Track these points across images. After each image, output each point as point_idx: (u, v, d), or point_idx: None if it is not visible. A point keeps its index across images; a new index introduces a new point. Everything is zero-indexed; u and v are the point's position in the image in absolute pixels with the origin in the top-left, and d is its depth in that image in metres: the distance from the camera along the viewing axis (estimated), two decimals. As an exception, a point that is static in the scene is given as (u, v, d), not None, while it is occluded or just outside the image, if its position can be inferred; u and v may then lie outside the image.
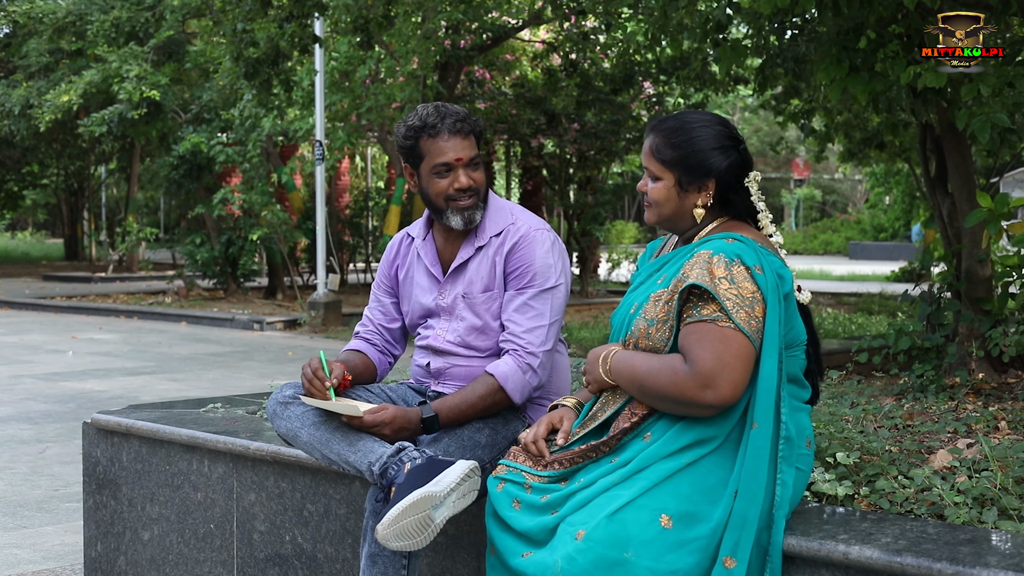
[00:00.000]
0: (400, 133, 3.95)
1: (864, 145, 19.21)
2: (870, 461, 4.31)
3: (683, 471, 3.11)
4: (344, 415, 3.65)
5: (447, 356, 4.00)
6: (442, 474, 3.37)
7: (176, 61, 20.92)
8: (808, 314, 3.38)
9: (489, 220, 4.00)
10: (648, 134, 3.39)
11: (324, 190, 17.88)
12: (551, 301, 3.91)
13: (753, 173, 3.35)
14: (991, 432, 5.18)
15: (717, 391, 3.06)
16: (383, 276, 4.20)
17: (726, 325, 3.09)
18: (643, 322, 3.27)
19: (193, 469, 4.75)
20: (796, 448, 3.21)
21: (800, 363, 3.31)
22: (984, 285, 7.81)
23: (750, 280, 3.13)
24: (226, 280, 21.30)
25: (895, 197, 37.53)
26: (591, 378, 3.39)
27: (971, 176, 8.04)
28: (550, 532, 3.18)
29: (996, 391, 6.69)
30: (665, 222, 3.40)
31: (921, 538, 3.10)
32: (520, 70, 21.28)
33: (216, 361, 13.53)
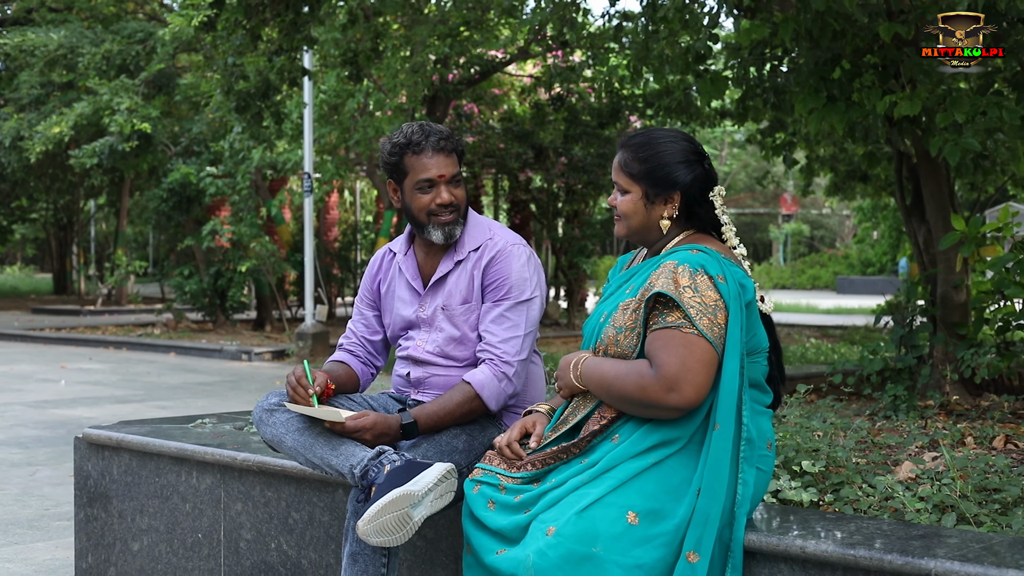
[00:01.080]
0: (385, 149, 4.12)
1: (849, 178, 19.41)
2: (836, 471, 4.46)
3: (649, 470, 3.27)
4: (327, 421, 3.80)
5: (426, 366, 4.16)
6: (420, 475, 3.53)
7: (166, 94, 21.07)
8: (770, 323, 3.54)
9: (468, 235, 4.17)
10: (618, 150, 3.57)
11: (312, 222, 18.02)
12: (526, 313, 4.07)
13: (717, 188, 3.53)
14: (957, 446, 5.30)
15: (681, 394, 3.22)
16: (366, 290, 4.37)
17: (690, 331, 3.25)
18: (612, 330, 3.44)
19: (182, 481, 4.89)
20: (757, 449, 3.36)
21: (762, 369, 3.46)
22: (959, 310, 7.92)
23: (713, 289, 3.29)
24: (215, 312, 21.40)
25: (882, 232, 37.75)
26: (563, 383, 3.55)
27: (946, 204, 8.16)
28: (523, 530, 3.33)
29: (968, 412, 6.82)
30: (634, 234, 3.56)
31: (875, 534, 3.25)
32: (508, 104, 21.41)
33: (204, 390, 13.64)
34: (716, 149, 42.67)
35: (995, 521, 3.76)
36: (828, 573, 3.16)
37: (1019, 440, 5.49)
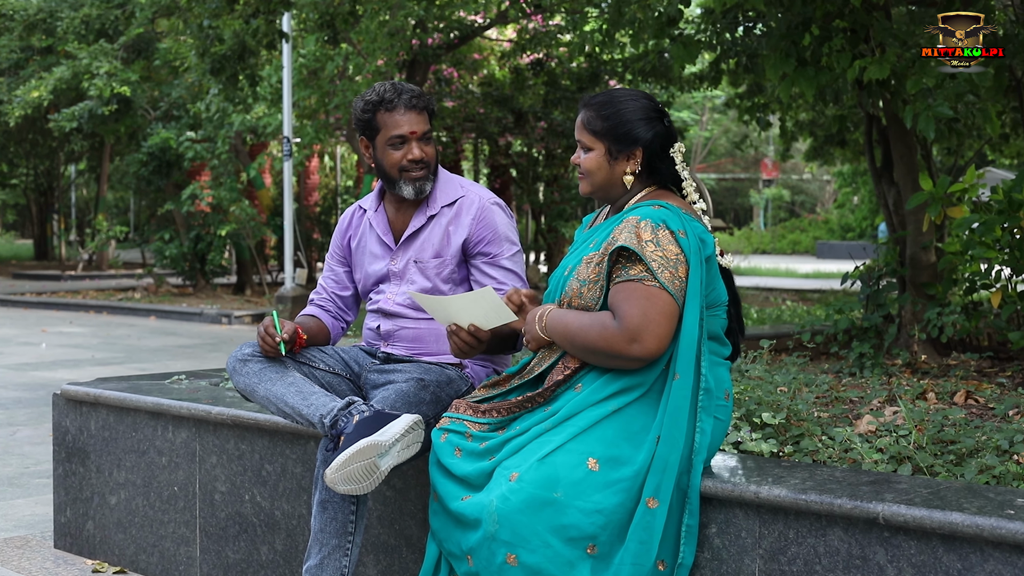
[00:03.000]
0: (358, 107, 4.23)
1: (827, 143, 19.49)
2: (797, 424, 4.55)
3: (609, 418, 3.37)
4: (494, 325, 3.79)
5: (396, 319, 4.26)
6: (388, 425, 3.63)
7: (146, 58, 21.02)
8: (730, 277, 3.64)
9: (440, 191, 4.28)
10: (580, 109, 3.66)
11: (292, 186, 18.06)
12: (521, 263, 4.27)
13: (678, 144, 3.61)
14: (917, 401, 5.37)
15: (643, 345, 3.32)
16: (336, 247, 4.48)
17: (652, 284, 3.34)
18: (576, 282, 3.53)
19: (158, 435, 4.99)
20: (715, 399, 3.46)
21: (721, 322, 3.56)
22: (928, 271, 8.01)
23: (674, 243, 3.38)
24: (195, 276, 21.45)
25: (862, 197, 37.79)
26: (530, 336, 3.64)
27: (915, 165, 8.25)
28: (488, 476, 3.44)
29: (933, 370, 6.92)
30: (598, 191, 3.65)
31: (828, 480, 3.36)
32: (488, 69, 21.41)
33: (184, 352, 13.72)
34: (697, 114, 42.67)
35: (949, 472, 3.84)
36: (781, 517, 3.26)
37: (980, 396, 5.59)
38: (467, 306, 3.76)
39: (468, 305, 3.75)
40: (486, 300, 3.69)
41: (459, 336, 3.80)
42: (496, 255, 4.22)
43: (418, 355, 4.22)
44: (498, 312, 3.71)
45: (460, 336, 3.80)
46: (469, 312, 3.75)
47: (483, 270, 4.22)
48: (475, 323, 3.77)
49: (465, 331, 3.79)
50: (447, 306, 3.79)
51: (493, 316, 3.73)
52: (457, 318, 3.78)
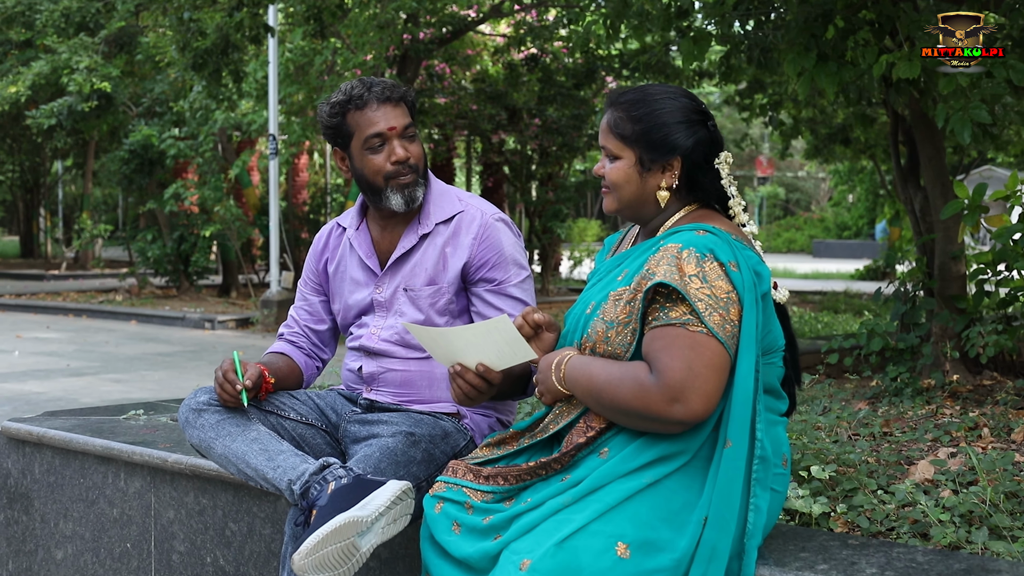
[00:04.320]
0: (324, 112, 3.58)
1: (829, 141, 19.00)
2: (846, 474, 4.00)
3: (643, 492, 2.74)
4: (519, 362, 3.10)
5: (381, 358, 3.61)
6: (370, 496, 2.98)
7: (127, 53, 20.45)
8: (785, 315, 3.00)
9: (433, 205, 3.63)
10: (606, 109, 3.02)
11: (278, 185, 17.46)
12: (531, 290, 3.63)
13: (724, 154, 2.98)
14: (973, 440, 4.87)
15: (687, 405, 2.69)
16: (310, 272, 3.82)
17: (698, 330, 2.72)
18: (601, 324, 2.90)
19: (108, 483, 4.36)
20: (772, 468, 2.84)
21: (777, 371, 2.94)
22: (958, 282, 7.54)
23: (724, 278, 2.76)
24: (179, 277, 20.89)
25: (859, 195, 37.47)
26: (544, 388, 2.99)
27: (944, 168, 7.77)
28: (492, 560, 2.80)
29: (974, 394, 6.40)
30: (626, 209, 3.01)
31: (911, 568, 2.75)
32: (481, 65, 20.93)
33: (163, 361, 13.10)
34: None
35: (1034, 538, 3.32)
36: (857, 618, 2.66)
37: (1039, 431, 5.03)
38: (476, 340, 3.06)
39: (477, 339, 3.06)
40: (500, 333, 3.01)
41: (464, 378, 3.10)
42: (502, 281, 3.56)
43: (407, 403, 3.56)
44: (514, 348, 3.02)
45: (466, 378, 3.10)
46: (478, 348, 3.06)
47: (486, 300, 3.56)
48: (485, 362, 3.08)
49: (472, 372, 3.09)
50: (451, 340, 3.10)
51: (508, 353, 3.04)
52: (463, 356, 3.09)
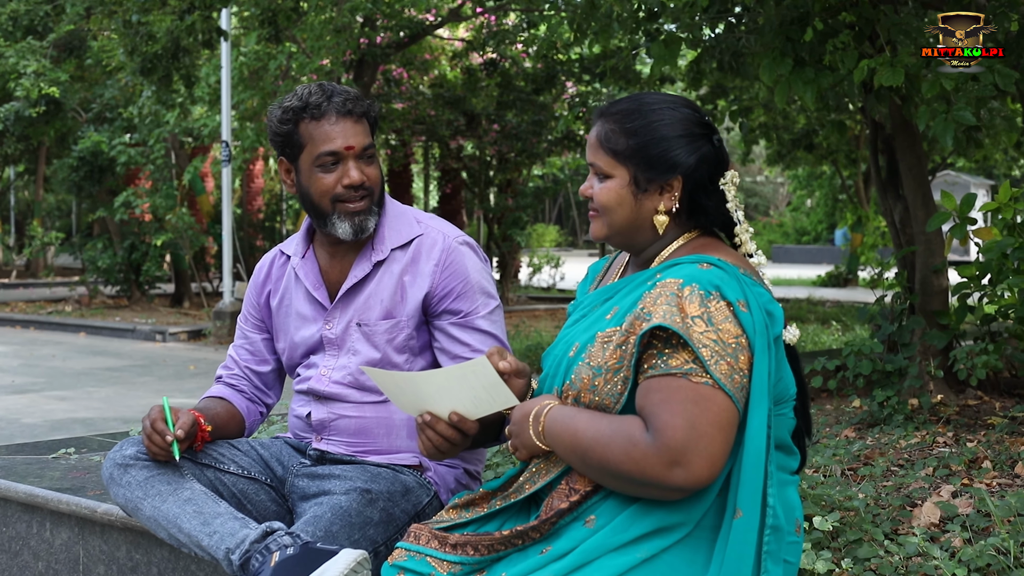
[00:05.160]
0: (274, 117, 3.15)
1: (792, 147, 18.74)
2: (848, 519, 3.66)
3: (637, 570, 2.34)
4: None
5: (333, 403, 3.20)
6: (320, 569, 2.58)
7: (77, 57, 19.96)
8: (796, 357, 2.61)
9: (388, 229, 3.21)
10: (595, 121, 2.62)
11: (231, 192, 17.01)
12: (501, 320, 3.21)
13: (730, 173, 2.60)
14: (975, 473, 4.55)
15: (690, 470, 2.29)
16: (250, 307, 3.39)
17: (702, 381, 2.33)
18: (587, 370, 2.50)
19: (33, 533, 3.94)
20: (785, 537, 2.44)
21: (788, 424, 2.55)
22: (940, 297, 7.24)
23: (733, 320, 2.37)
24: (130, 287, 20.41)
25: (817, 200, 37.44)
26: (519, 442, 2.58)
27: (925, 178, 7.48)
28: (461, 646, 2.41)
29: (962, 417, 6.08)
30: (616, 236, 2.61)
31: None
32: (439, 69, 20.57)
33: (112, 376, 12.63)
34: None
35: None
36: None
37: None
38: (449, 385, 2.63)
39: (451, 384, 2.63)
40: (478, 376, 2.58)
41: (435, 429, 2.66)
42: (468, 313, 3.16)
43: (362, 454, 3.16)
44: (493, 393, 2.60)
45: (437, 429, 2.66)
46: (452, 394, 2.64)
47: (451, 334, 3.16)
48: (459, 410, 2.65)
49: (444, 422, 2.66)
50: (419, 386, 2.67)
51: (486, 399, 2.62)
52: (433, 403, 2.66)
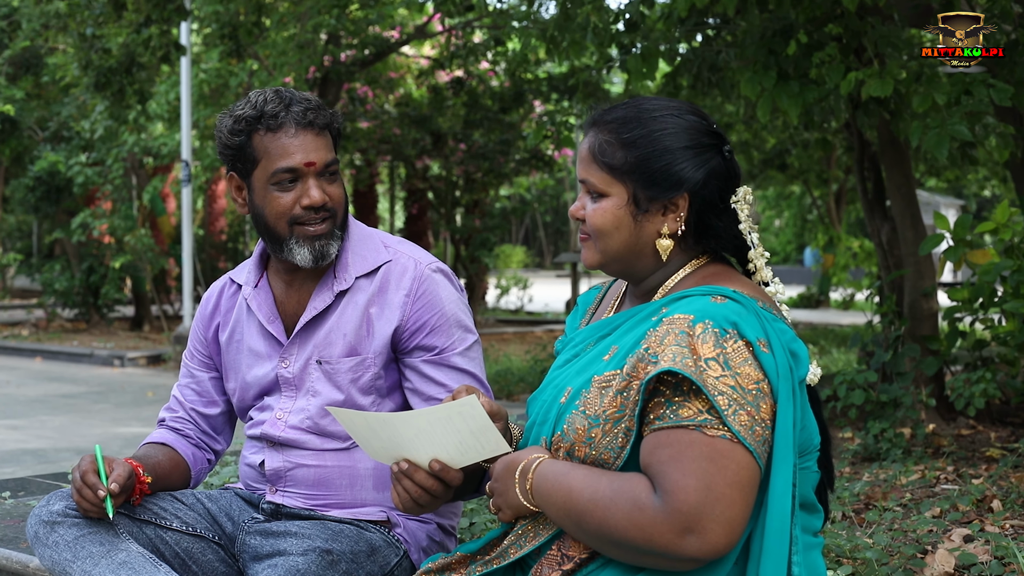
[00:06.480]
0: (224, 127, 2.78)
1: (765, 166, 18.50)
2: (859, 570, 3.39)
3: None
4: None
5: (289, 450, 2.84)
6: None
7: (34, 74, 19.57)
8: (818, 401, 2.26)
9: (353, 255, 2.85)
10: (587, 130, 2.26)
11: (191, 213, 16.63)
12: (479, 358, 2.84)
13: (743, 189, 2.24)
14: (987, 516, 4.25)
15: (704, 538, 1.94)
16: (197, 342, 3.02)
17: (718, 434, 1.98)
18: (582, 419, 2.14)
19: (-43, 590, 3.57)
20: (813, 610, 2.09)
21: (812, 479, 2.20)
22: (930, 322, 7.00)
23: (753, 362, 2.03)
24: (88, 310, 19.96)
25: (786, 220, 37.28)
26: (502, 500, 2.23)
27: (914, 197, 7.23)
28: None
29: (959, 449, 5.79)
30: (613, 263, 2.26)
31: None
32: (404, 88, 20.30)
33: (67, 404, 12.21)
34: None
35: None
36: None
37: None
38: (432, 429, 2.26)
39: (433, 427, 2.25)
40: (465, 419, 2.22)
41: (413, 479, 2.29)
42: (443, 349, 2.80)
43: (323, 507, 2.79)
44: (481, 439, 2.24)
45: (415, 479, 2.29)
46: (433, 439, 2.27)
47: (424, 373, 2.79)
48: (442, 457, 2.28)
49: (424, 471, 2.29)
50: (397, 430, 2.29)
51: (473, 446, 2.26)
52: (411, 449, 2.29)
